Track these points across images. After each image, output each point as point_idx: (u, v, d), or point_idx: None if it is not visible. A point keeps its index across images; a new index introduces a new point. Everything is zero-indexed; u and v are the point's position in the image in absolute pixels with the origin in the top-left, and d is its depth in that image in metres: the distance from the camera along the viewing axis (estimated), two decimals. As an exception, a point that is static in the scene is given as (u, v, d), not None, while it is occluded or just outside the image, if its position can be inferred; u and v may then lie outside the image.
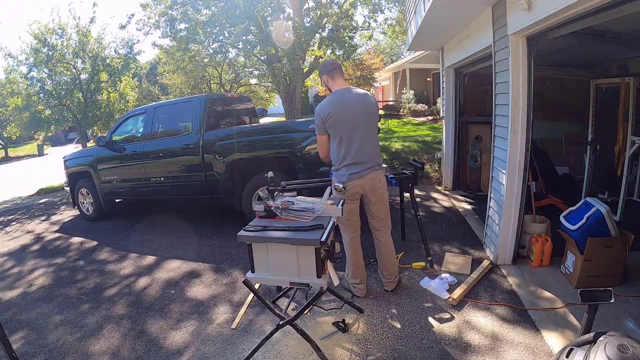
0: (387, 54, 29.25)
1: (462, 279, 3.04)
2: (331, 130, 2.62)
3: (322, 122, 2.61)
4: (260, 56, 10.05)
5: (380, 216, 2.80)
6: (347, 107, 2.58)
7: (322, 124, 2.62)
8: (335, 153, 2.66)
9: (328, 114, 2.57)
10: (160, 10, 8.70)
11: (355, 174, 2.61)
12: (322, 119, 2.60)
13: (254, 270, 2.11)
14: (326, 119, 2.58)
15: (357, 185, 2.63)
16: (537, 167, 4.14)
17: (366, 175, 2.63)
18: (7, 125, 12.84)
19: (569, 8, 2.14)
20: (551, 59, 4.58)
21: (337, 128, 2.58)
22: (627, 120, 3.86)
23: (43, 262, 4.30)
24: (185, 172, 4.73)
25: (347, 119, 2.57)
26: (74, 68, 10.28)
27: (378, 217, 2.80)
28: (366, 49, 17.35)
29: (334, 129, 2.60)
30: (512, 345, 2.27)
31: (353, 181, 2.61)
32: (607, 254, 2.72)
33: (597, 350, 1.17)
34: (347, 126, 2.58)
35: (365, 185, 2.65)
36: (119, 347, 2.60)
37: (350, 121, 2.57)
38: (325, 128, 2.63)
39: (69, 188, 5.94)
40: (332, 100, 2.62)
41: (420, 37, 5.00)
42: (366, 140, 2.62)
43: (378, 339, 2.42)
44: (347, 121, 2.57)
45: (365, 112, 2.62)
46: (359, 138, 2.59)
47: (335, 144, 2.64)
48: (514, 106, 2.97)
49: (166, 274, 3.68)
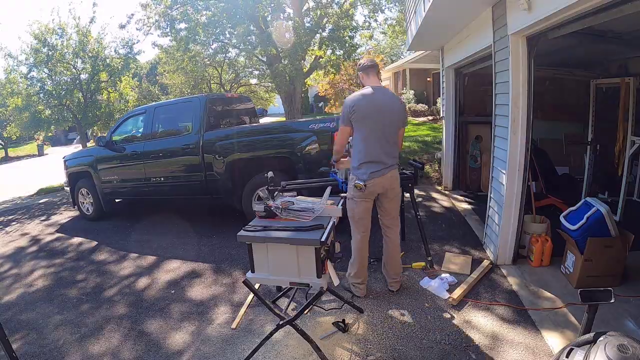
0: (387, 54, 29.24)
1: (462, 279, 3.04)
2: (357, 124, 2.60)
3: (349, 113, 2.59)
4: (261, 56, 10.05)
5: (393, 214, 2.82)
6: (377, 105, 2.58)
7: (349, 115, 2.59)
8: (359, 149, 2.63)
9: (356, 106, 2.56)
10: (160, 10, 8.70)
11: (377, 172, 2.60)
12: (349, 109, 2.58)
13: (254, 270, 2.11)
14: (353, 111, 2.56)
15: (378, 184, 2.63)
16: (537, 167, 4.14)
17: (386, 174, 2.63)
18: (7, 125, 12.84)
19: (569, 8, 2.14)
20: (551, 59, 4.58)
21: (365, 124, 2.58)
22: (627, 120, 3.86)
23: (43, 262, 4.30)
24: (185, 172, 4.73)
25: (375, 116, 2.57)
26: (74, 68, 10.27)
27: (391, 214, 2.82)
28: (366, 48, 17.35)
29: (360, 123, 2.59)
30: (512, 345, 2.27)
31: (374, 179, 2.60)
32: (607, 254, 2.72)
33: (597, 350, 1.17)
34: (374, 124, 2.57)
35: (385, 183, 2.66)
36: (119, 347, 2.60)
37: (378, 119, 2.57)
38: (350, 120, 2.60)
39: (69, 188, 5.93)
40: (364, 95, 2.61)
41: (420, 37, 5.00)
42: (391, 140, 2.64)
43: (378, 339, 2.42)
44: (376, 119, 2.57)
45: (393, 113, 2.63)
46: (384, 138, 2.60)
47: (359, 138, 2.62)
48: (514, 106, 2.97)
49: (166, 274, 3.68)
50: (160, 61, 17.23)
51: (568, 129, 5.38)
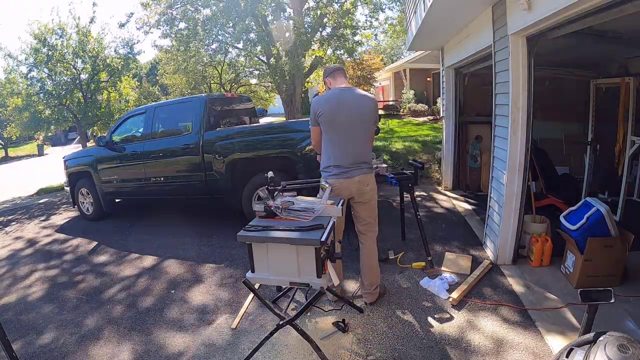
0: (388, 54, 29.24)
1: (462, 279, 3.04)
2: (323, 127, 2.57)
3: (314, 116, 2.57)
4: (262, 56, 10.05)
5: (366, 220, 2.71)
6: (343, 106, 2.51)
7: (315, 118, 2.58)
8: (326, 151, 2.60)
9: (321, 111, 2.52)
10: (160, 10, 8.70)
11: (342, 174, 2.53)
12: (315, 113, 2.56)
13: (254, 270, 2.11)
14: (319, 114, 2.54)
15: (344, 188, 2.55)
16: (537, 167, 4.14)
17: (354, 177, 2.55)
18: (7, 125, 12.83)
19: (569, 8, 2.14)
20: (551, 59, 4.58)
21: (330, 126, 2.54)
22: (627, 120, 3.86)
23: (43, 262, 4.30)
24: (186, 172, 4.73)
25: (341, 119, 2.51)
26: (74, 68, 10.27)
27: (364, 220, 2.71)
28: (367, 48, 17.35)
29: (326, 126, 2.55)
30: (512, 345, 2.27)
31: (340, 182, 2.53)
32: (607, 254, 2.72)
33: (597, 350, 1.17)
34: (340, 127, 2.51)
35: (352, 187, 2.57)
36: (119, 347, 2.60)
37: (344, 122, 2.50)
38: (318, 122, 2.59)
39: (69, 188, 5.94)
40: (329, 97, 2.56)
41: (421, 36, 5.00)
42: (359, 142, 2.56)
43: (378, 339, 2.42)
44: (341, 121, 2.50)
45: (362, 113, 2.54)
46: (351, 139, 2.53)
47: (326, 141, 2.59)
48: (514, 106, 2.97)
49: (166, 274, 3.68)
50: (160, 62, 17.23)
51: (568, 129, 5.37)
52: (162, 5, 8.70)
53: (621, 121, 3.94)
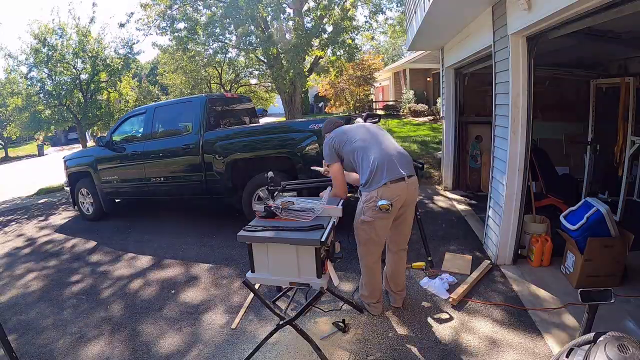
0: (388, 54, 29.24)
1: (462, 279, 3.04)
2: (345, 148, 2.36)
3: (333, 150, 2.40)
4: (262, 56, 10.06)
5: (408, 234, 2.59)
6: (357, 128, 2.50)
7: (335, 151, 2.40)
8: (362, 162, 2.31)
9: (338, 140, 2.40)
10: (160, 10, 8.70)
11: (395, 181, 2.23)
12: (332, 146, 2.40)
13: (254, 270, 2.11)
14: (339, 143, 2.38)
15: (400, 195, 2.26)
16: (537, 167, 4.14)
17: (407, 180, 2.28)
18: (7, 125, 12.82)
19: (569, 8, 2.14)
20: (551, 59, 4.58)
21: (356, 143, 2.35)
22: (627, 120, 3.85)
23: (42, 262, 4.30)
24: (186, 172, 4.73)
25: (362, 133, 2.41)
26: (74, 68, 10.26)
27: (407, 236, 2.60)
28: (367, 49, 17.35)
29: (350, 146, 2.35)
30: (512, 345, 2.27)
31: (395, 190, 2.23)
32: (607, 254, 2.72)
33: (597, 350, 1.17)
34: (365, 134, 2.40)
35: (402, 193, 2.27)
36: (119, 347, 2.60)
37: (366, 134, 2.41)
38: (337, 151, 2.39)
39: (69, 188, 5.94)
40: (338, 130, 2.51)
41: (421, 36, 5.00)
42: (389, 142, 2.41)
43: (378, 339, 2.42)
44: (363, 134, 2.40)
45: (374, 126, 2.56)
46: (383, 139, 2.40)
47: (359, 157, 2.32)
48: (514, 106, 2.97)
49: (166, 274, 3.68)
50: (160, 62, 17.24)
51: (568, 129, 5.37)
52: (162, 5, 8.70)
53: (621, 121, 3.94)
